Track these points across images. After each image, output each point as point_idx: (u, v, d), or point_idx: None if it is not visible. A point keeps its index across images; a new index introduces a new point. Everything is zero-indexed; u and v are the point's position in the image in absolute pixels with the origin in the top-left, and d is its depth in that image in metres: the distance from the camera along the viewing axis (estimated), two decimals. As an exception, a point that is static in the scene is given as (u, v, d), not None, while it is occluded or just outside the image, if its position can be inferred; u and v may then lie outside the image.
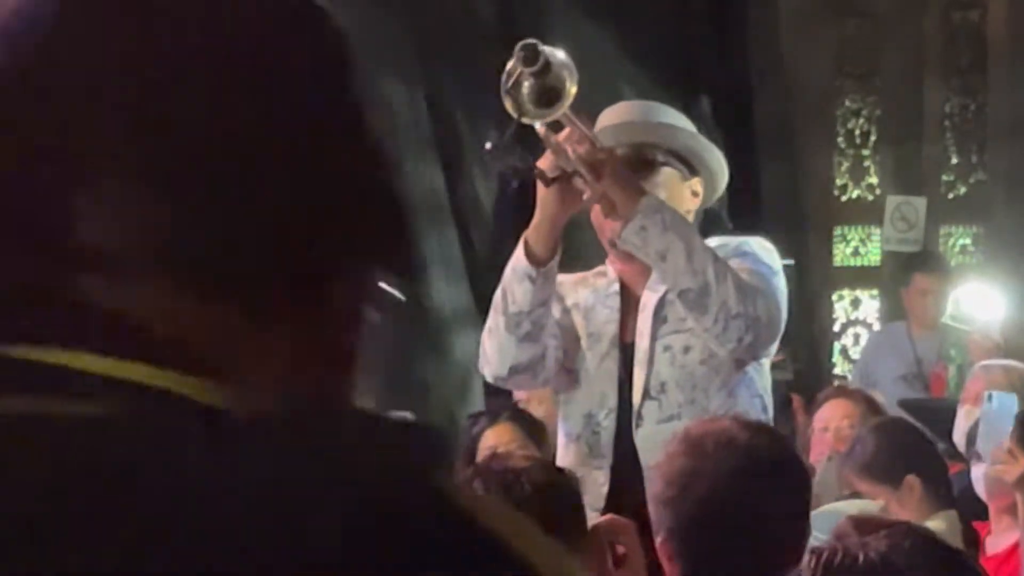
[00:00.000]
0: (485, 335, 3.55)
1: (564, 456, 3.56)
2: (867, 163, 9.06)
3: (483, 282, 7.35)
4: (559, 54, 3.25)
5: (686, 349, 3.45)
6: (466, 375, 7.19)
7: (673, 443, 2.57)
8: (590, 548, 2.27)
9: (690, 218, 3.56)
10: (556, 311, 3.57)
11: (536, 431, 4.63)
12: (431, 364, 7.10)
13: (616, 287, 3.58)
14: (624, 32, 7.14)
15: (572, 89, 3.20)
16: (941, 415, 4.87)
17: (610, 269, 3.55)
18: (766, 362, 3.58)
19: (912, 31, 8.96)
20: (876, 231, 8.86)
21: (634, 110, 3.68)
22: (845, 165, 9.05)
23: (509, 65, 3.22)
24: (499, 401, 5.22)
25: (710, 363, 3.44)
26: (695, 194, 3.61)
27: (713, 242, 3.52)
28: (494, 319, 3.49)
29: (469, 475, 2.33)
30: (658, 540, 2.51)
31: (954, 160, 8.99)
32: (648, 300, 3.50)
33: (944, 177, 8.99)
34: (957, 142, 8.97)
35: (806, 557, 1.83)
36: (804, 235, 8.55)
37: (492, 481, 2.27)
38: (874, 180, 9.04)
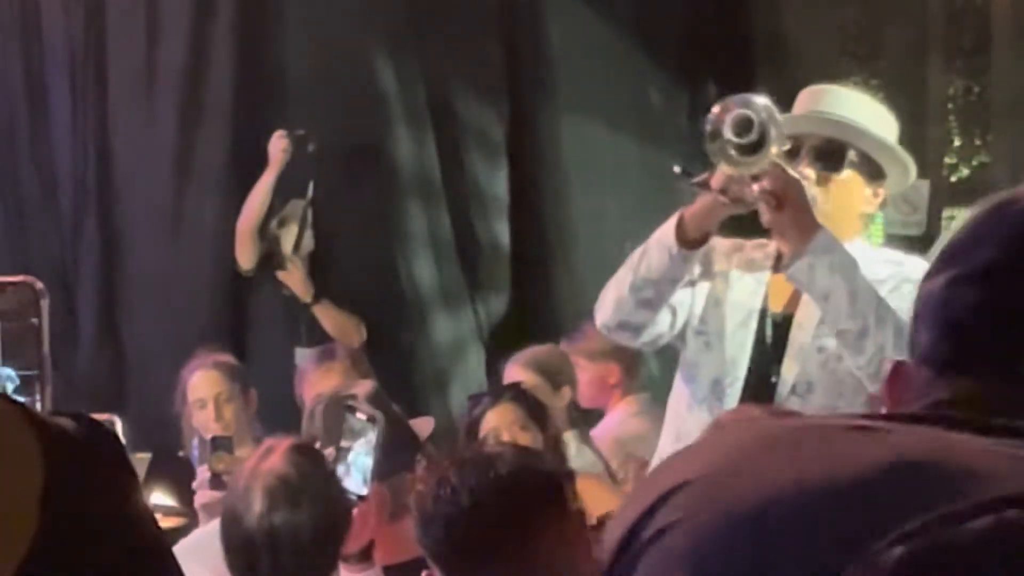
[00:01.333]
0: (611, 283, 3.58)
1: (683, 421, 3.58)
2: (870, 145, 9.05)
3: (477, 263, 7.36)
4: (767, 109, 3.22)
5: (840, 356, 3.43)
6: (455, 354, 7.19)
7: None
8: (573, 531, 2.26)
9: (866, 220, 3.61)
10: (699, 276, 3.56)
11: (538, 412, 4.63)
12: (419, 344, 7.09)
13: (771, 263, 3.57)
14: (624, 15, 7.11)
15: (776, 142, 3.19)
16: None
17: (771, 246, 3.53)
18: None
19: (915, 12, 8.93)
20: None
21: (842, 102, 3.62)
22: (848, 148, 9.05)
23: (713, 124, 3.20)
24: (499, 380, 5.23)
25: (863, 382, 3.42)
26: (876, 196, 3.59)
27: (888, 257, 3.54)
28: (623, 273, 3.52)
29: (445, 464, 2.32)
30: None
31: (957, 143, 8.97)
32: None
33: (947, 160, 8.97)
34: (960, 124, 8.96)
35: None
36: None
37: (467, 467, 2.27)
38: (877, 162, 9.03)
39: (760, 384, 3.49)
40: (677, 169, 3.38)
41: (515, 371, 5.16)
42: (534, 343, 5.55)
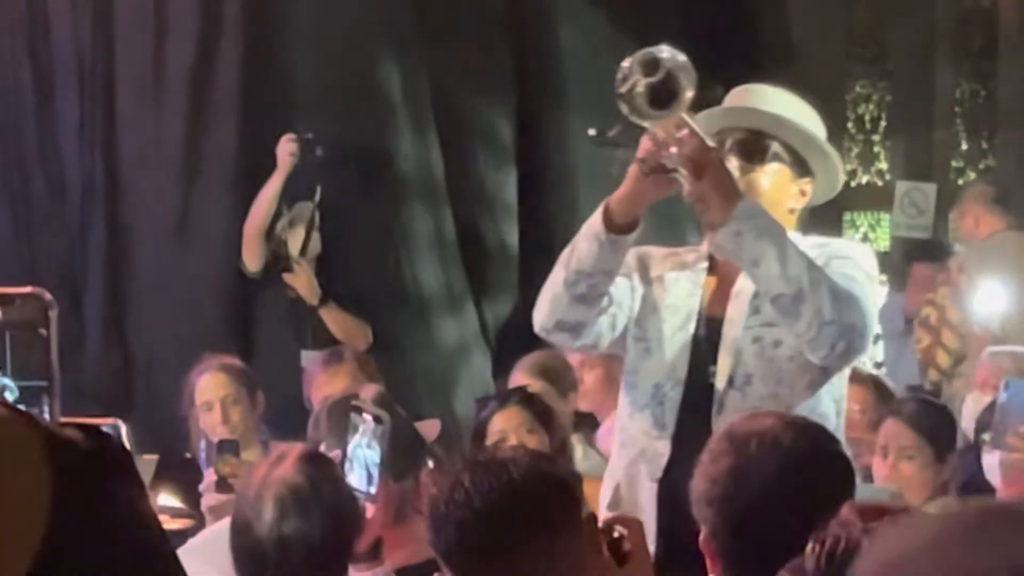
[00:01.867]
0: (545, 285, 3.53)
1: (626, 427, 3.56)
2: (877, 148, 9.05)
3: (484, 266, 7.36)
4: (680, 58, 3.20)
5: (776, 343, 3.43)
6: (461, 357, 7.19)
7: (717, 441, 2.57)
8: (584, 535, 2.26)
9: (793, 217, 3.55)
10: (637, 281, 3.55)
11: (545, 415, 4.63)
12: (426, 347, 7.09)
13: (706, 264, 3.56)
14: (632, 17, 7.12)
15: (689, 94, 3.17)
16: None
17: (703, 248, 3.51)
18: (847, 369, 3.55)
19: (923, 16, 8.94)
20: (886, 217, 8.85)
21: (762, 97, 3.62)
22: (855, 150, 9.04)
23: (625, 67, 3.18)
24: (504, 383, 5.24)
25: (798, 360, 3.41)
26: (803, 193, 3.57)
27: (814, 242, 3.51)
28: (556, 271, 3.48)
29: (457, 467, 2.33)
30: (702, 537, 2.52)
31: (964, 146, 8.97)
32: (744, 287, 3.47)
33: (954, 163, 8.97)
34: (967, 128, 8.95)
35: (809, 544, 1.84)
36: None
37: (479, 471, 2.27)
38: (884, 166, 9.03)
39: (700, 386, 3.46)
40: (591, 131, 3.36)
41: (521, 376, 5.16)
42: (541, 347, 5.56)
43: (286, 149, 6.57)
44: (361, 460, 3.27)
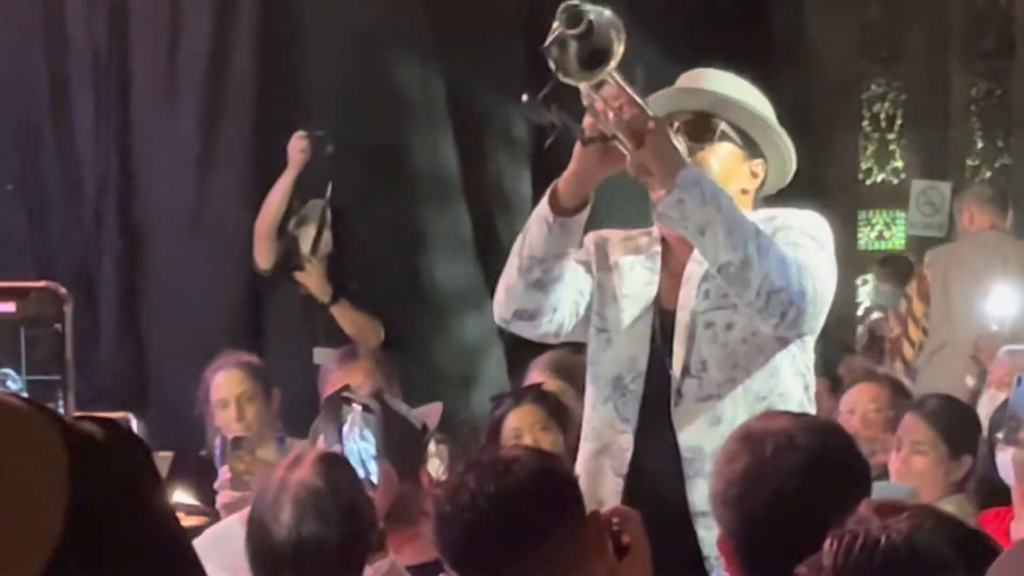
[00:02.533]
0: (502, 275, 3.49)
1: (591, 420, 3.54)
2: (892, 147, 9.04)
3: (498, 262, 7.36)
4: (606, 13, 3.16)
5: (728, 326, 3.39)
6: (477, 356, 7.19)
7: (732, 442, 2.56)
8: (588, 534, 2.26)
9: (747, 198, 3.51)
10: (595, 268, 3.52)
11: (560, 413, 4.63)
12: (441, 345, 7.09)
13: (658, 248, 3.53)
14: (648, 15, 7.12)
15: (619, 50, 3.13)
16: None
17: (655, 229, 3.47)
18: (810, 339, 3.49)
19: (938, 15, 8.92)
20: (901, 215, 8.84)
21: (707, 79, 3.59)
22: (870, 149, 9.03)
23: (554, 25, 3.14)
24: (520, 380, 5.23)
25: (752, 341, 3.38)
26: (755, 175, 3.54)
27: (761, 214, 3.46)
28: (510, 259, 3.43)
29: (462, 469, 2.33)
30: (718, 536, 2.52)
31: (979, 145, 8.95)
32: (693, 272, 3.44)
33: (969, 162, 8.96)
34: (983, 126, 8.94)
35: (827, 541, 1.84)
36: (828, 219, 8.51)
37: (484, 472, 2.27)
38: (899, 164, 9.01)
39: (660, 377, 3.42)
40: (524, 97, 3.31)
41: (536, 374, 5.15)
42: (557, 345, 5.55)
43: (297, 147, 6.57)
44: (356, 453, 3.28)
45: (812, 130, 8.79)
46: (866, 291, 8.97)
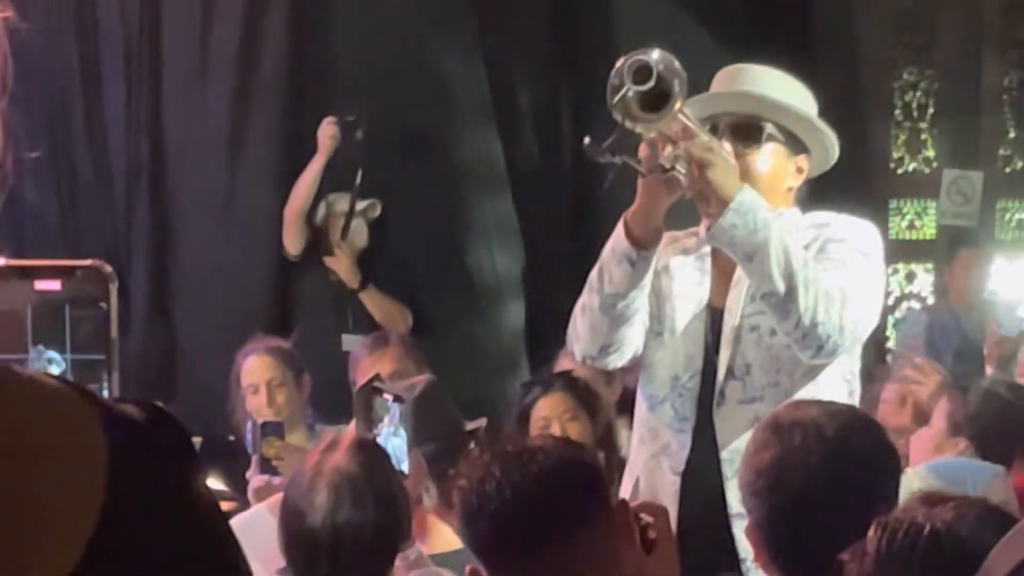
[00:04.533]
0: (577, 312, 3.53)
1: (647, 421, 3.55)
2: (924, 136, 8.98)
3: (537, 251, 7.35)
4: (671, 62, 3.17)
5: (773, 331, 3.40)
6: (507, 343, 7.18)
7: (761, 432, 2.55)
8: (616, 524, 2.24)
9: (790, 195, 3.53)
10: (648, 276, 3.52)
11: (589, 400, 4.62)
12: (484, 333, 7.09)
13: (707, 248, 3.54)
14: (688, 4, 7.11)
15: (681, 95, 3.14)
16: None
17: (702, 229, 3.46)
18: (858, 347, 3.51)
19: (971, 4, 8.86)
20: (932, 205, 8.78)
21: (751, 78, 3.59)
22: (901, 138, 8.97)
23: (614, 78, 3.16)
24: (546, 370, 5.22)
25: (793, 350, 3.37)
26: (800, 170, 3.55)
27: (812, 221, 3.49)
28: (588, 298, 3.46)
29: (487, 458, 2.31)
30: (747, 526, 2.51)
31: (1012, 134, 8.89)
32: (743, 275, 3.44)
33: (1001, 151, 8.89)
34: (1015, 116, 8.87)
35: (871, 528, 1.82)
36: (859, 208, 8.47)
37: (509, 461, 2.26)
38: (931, 153, 8.96)
39: (712, 376, 3.45)
40: (587, 140, 3.32)
41: (566, 361, 5.14)
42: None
43: (327, 132, 6.57)
44: (386, 441, 3.28)
45: (844, 119, 8.76)
46: (897, 281, 8.93)
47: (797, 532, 2.38)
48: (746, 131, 3.48)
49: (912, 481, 3.61)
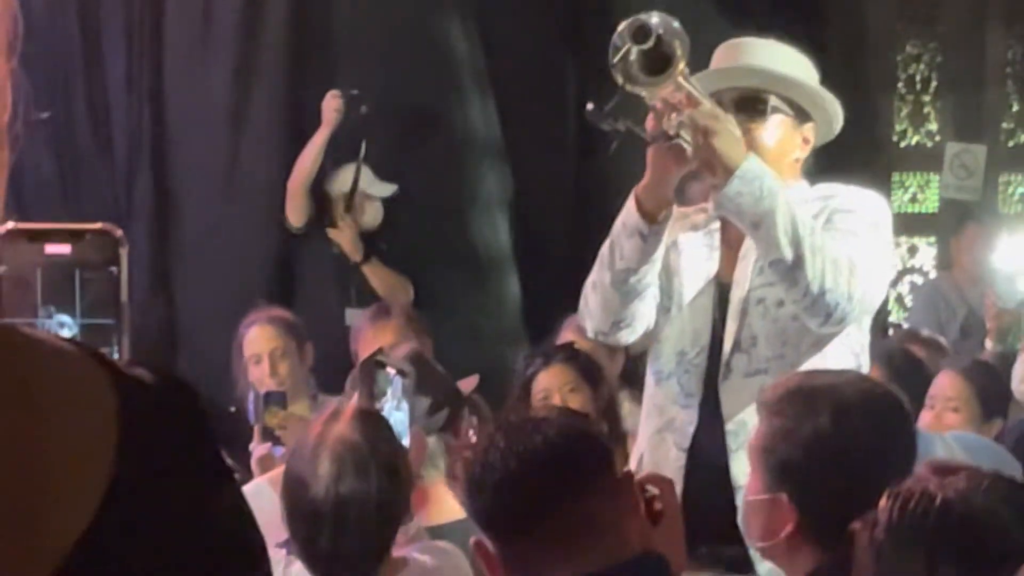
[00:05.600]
0: (588, 289, 3.53)
1: (653, 396, 3.56)
2: (927, 109, 8.96)
3: (538, 224, 7.34)
4: (672, 24, 3.17)
5: (779, 303, 3.40)
6: (508, 315, 7.18)
7: (776, 399, 2.55)
8: (621, 495, 2.24)
9: (797, 167, 3.54)
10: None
11: (591, 372, 4.62)
12: (483, 303, 7.08)
13: (716, 224, 3.55)
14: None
15: (683, 57, 3.14)
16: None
17: (711, 204, 3.47)
18: (866, 320, 3.51)
19: (975, -24, 8.84)
20: (935, 178, 8.77)
21: (753, 52, 3.59)
22: (904, 111, 8.95)
23: (616, 39, 3.16)
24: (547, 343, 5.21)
25: (802, 319, 3.38)
26: (806, 141, 3.56)
27: (819, 193, 3.49)
28: (599, 274, 3.46)
29: (491, 429, 2.30)
30: (783, 500, 2.49)
31: (1015, 107, 8.87)
32: (750, 248, 3.44)
33: (1004, 125, 8.88)
34: (1019, 89, 8.85)
35: (884, 497, 1.82)
36: (862, 181, 8.45)
37: (514, 432, 2.25)
38: (934, 127, 8.94)
39: (719, 351, 3.45)
40: (589, 106, 3.32)
41: (569, 334, 5.14)
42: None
43: (331, 105, 6.57)
44: (389, 415, 3.27)
45: (848, 92, 8.72)
46: (899, 254, 8.92)
47: (818, 501, 2.37)
48: (751, 105, 3.48)
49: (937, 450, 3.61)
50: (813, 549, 2.44)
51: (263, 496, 3.04)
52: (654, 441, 3.51)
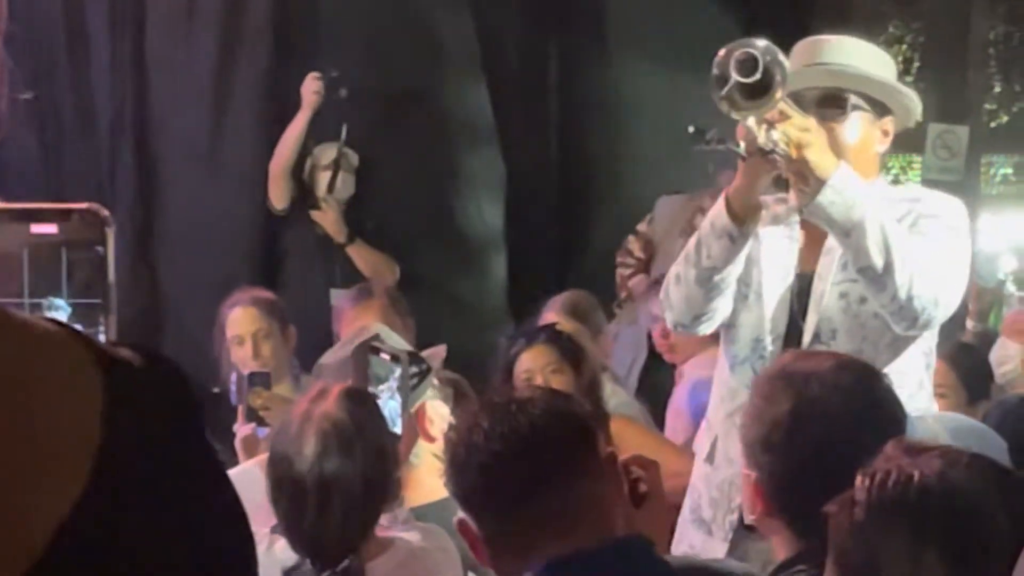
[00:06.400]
0: (671, 282, 3.61)
1: (727, 381, 3.63)
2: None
3: (522, 205, 7.35)
4: (773, 53, 3.21)
5: (862, 299, 3.47)
6: (492, 296, 7.19)
7: (767, 384, 2.56)
8: (605, 476, 2.24)
9: (878, 160, 3.61)
10: None
11: (573, 353, 4.61)
12: (469, 284, 7.09)
13: (798, 218, 3.61)
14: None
15: (782, 83, 3.19)
16: None
17: (792, 197, 3.53)
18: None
19: (958, -43, 8.85)
20: (917, 159, 8.80)
21: (832, 51, 3.64)
22: (887, 92, 8.97)
23: (719, 68, 3.21)
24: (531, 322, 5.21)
25: (883, 317, 3.44)
26: (886, 133, 3.62)
27: (904, 195, 3.56)
28: (684, 269, 3.55)
29: (475, 409, 2.30)
30: (754, 480, 2.50)
31: (997, 88, 8.91)
32: (835, 244, 3.50)
33: (987, 106, 8.91)
34: (1001, 70, 8.88)
35: (858, 478, 1.82)
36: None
37: (497, 412, 2.25)
38: (916, 107, 8.97)
39: (795, 342, 3.53)
40: (691, 128, 3.38)
41: (551, 315, 5.14)
42: (572, 286, 5.55)
43: (311, 87, 6.57)
44: (383, 402, 3.26)
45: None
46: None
47: (812, 483, 2.37)
48: (831, 103, 3.54)
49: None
50: (787, 531, 2.45)
51: (252, 478, 3.04)
52: (727, 425, 3.58)
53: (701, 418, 4.02)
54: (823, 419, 2.44)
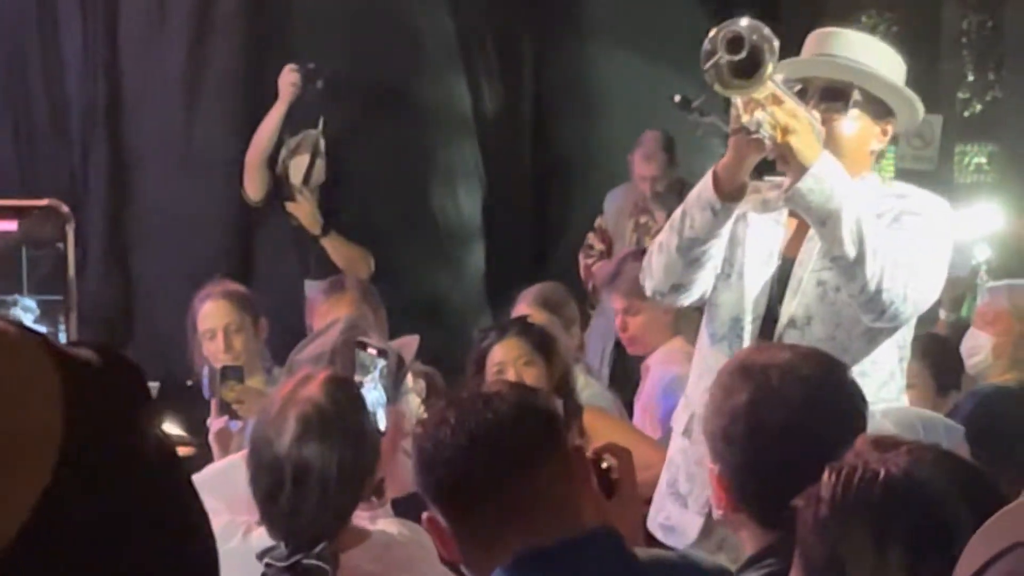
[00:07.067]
0: (655, 250, 3.67)
1: (706, 357, 3.67)
2: (883, 79, 9.00)
3: (494, 192, 7.35)
4: (763, 31, 3.24)
5: (838, 288, 3.51)
6: (465, 287, 7.19)
7: (728, 376, 2.56)
8: (573, 470, 2.24)
9: (872, 158, 3.65)
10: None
11: (545, 345, 4.61)
12: (446, 277, 7.09)
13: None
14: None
15: (772, 62, 3.22)
16: None
17: (786, 181, 3.54)
18: (914, 317, 3.62)
19: (931, -54, 8.87)
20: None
21: (843, 45, 3.67)
22: (861, 81, 8.99)
23: (708, 46, 3.23)
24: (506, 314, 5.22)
25: (857, 312, 3.48)
26: (884, 133, 3.66)
27: (893, 191, 3.60)
28: (668, 237, 3.60)
29: (442, 405, 2.30)
30: (716, 472, 2.50)
31: (970, 78, 8.93)
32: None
33: (960, 95, 8.93)
34: (974, 59, 8.91)
35: (825, 473, 1.82)
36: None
37: (465, 408, 2.25)
38: (890, 97, 8.98)
39: (772, 322, 3.58)
40: (676, 97, 3.40)
41: (523, 307, 5.15)
42: (544, 278, 5.55)
43: (287, 79, 6.58)
44: (369, 397, 3.25)
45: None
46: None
47: (774, 474, 2.37)
48: (834, 95, 3.58)
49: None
50: (753, 525, 2.45)
51: (238, 470, 3.03)
52: (704, 400, 3.59)
53: (670, 421, 4.03)
54: (782, 409, 2.43)
